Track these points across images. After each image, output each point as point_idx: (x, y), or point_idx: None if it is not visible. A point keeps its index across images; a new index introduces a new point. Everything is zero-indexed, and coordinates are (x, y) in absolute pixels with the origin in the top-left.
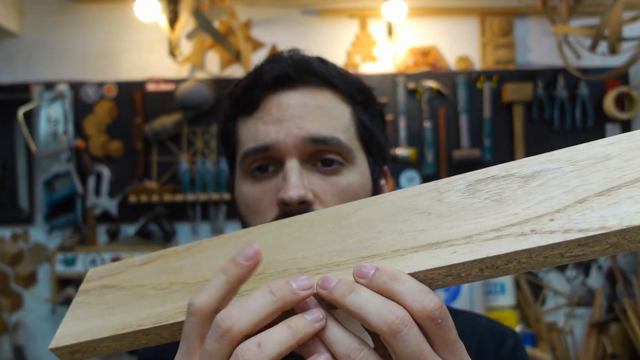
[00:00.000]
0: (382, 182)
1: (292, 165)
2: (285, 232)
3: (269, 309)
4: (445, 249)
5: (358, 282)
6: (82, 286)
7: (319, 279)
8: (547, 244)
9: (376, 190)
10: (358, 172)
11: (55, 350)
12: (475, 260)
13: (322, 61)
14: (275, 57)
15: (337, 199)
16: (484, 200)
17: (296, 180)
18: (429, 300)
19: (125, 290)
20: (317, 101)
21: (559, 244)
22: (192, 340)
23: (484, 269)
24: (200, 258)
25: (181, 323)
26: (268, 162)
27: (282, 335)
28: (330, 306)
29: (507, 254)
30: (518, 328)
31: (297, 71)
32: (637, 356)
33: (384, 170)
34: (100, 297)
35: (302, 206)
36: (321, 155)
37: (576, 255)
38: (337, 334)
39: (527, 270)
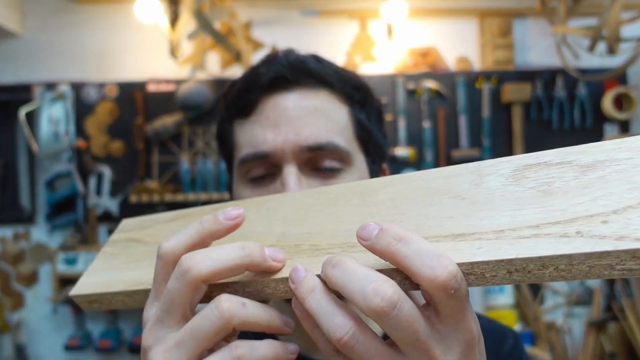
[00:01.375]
0: None
1: (290, 171)
2: (307, 203)
3: (233, 261)
4: (471, 243)
5: (361, 244)
6: (112, 236)
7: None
8: (592, 251)
9: None
10: (357, 174)
11: (75, 297)
12: (502, 260)
13: (318, 60)
14: (270, 59)
15: None
16: (529, 190)
17: (294, 185)
18: (442, 267)
19: (146, 246)
20: (313, 103)
21: (608, 253)
22: (159, 283)
23: (513, 272)
24: None
25: None
26: (266, 168)
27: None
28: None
29: (541, 258)
30: (517, 327)
31: (293, 72)
32: (635, 355)
33: (383, 168)
34: (124, 249)
35: None
36: (319, 160)
37: (630, 270)
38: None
39: (568, 280)
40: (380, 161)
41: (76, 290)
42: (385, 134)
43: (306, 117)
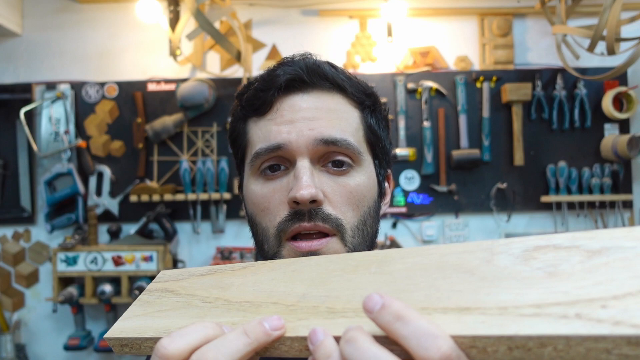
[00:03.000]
0: (385, 184)
1: (304, 165)
2: (330, 268)
3: (244, 350)
4: (475, 316)
5: (367, 314)
6: (150, 286)
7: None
8: (588, 334)
9: (381, 192)
10: (365, 174)
11: (108, 340)
12: (502, 337)
13: (332, 66)
14: (287, 61)
15: (345, 199)
16: (536, 270)
17: (308, 179)
18: (435, 348)
19: (179, 297)
20: (328, 104)
21: (604, 337)
22: None
23: (513, 349)
24: (250, 279)
25: None
26: (279, 161)
27: None
28: None
29: (540, 337)
30: None
31: (310, 75)
32: None
33: (387, 174)
34: (159, 298)
35: (312, 205)
36: (331, 156)
37: (626, 356)
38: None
39: None
40: (386, 166)
41: (110, 334)
42: (391, 141)
43: (321, 116)
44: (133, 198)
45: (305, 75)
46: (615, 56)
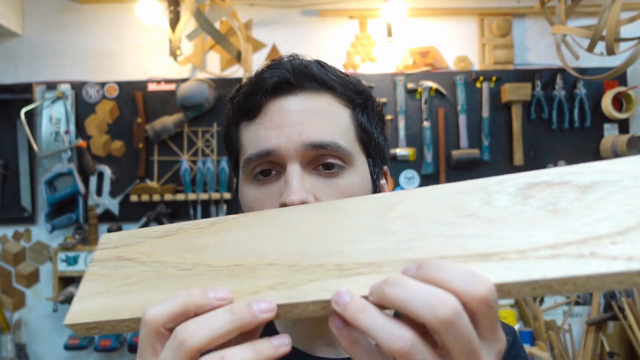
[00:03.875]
0: (382, 182)
1: (294, 169)
2: (322, 219)
3: (227, 327)
4: (497, 263)
5: (408, 274)
6: (96, 254)
7: (333, 293)
8: (608, 271)
9: (376, 191)
10: (358, 175)
11: (71, 326)
12: (530, 281)
13: (321, 65)
14: (275, 63)
15: None
16: (538, 210)
17: (297, 184)
18: (480, 284)
19: (144, 266)
20: (316, 106)
21: (621, 273)
22: (144, 349)
23: (537, 288)
24: (226, 238)
25: None
26: (270, 166)
27: (246, 354)
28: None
29: (564, 278)
30: (516, 326)
31: (297, 76)
32: (635, 354)
33: (384, 171)
34: (117, 269)
35: None
36: (322, 159)
37: (635, 283)
38: (380, 323)
39: (580, 292)
40: (382, 164)
41: (73, 319)
42: (386, 137)
43: (309, 119)
44: (133, 198)
45: (292, 77)
46: (614, 56)
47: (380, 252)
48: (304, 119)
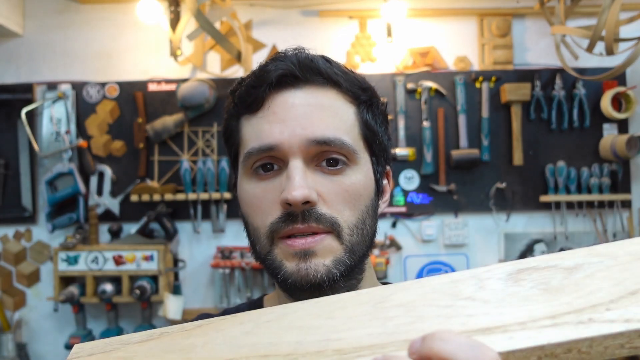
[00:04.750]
0: (385, 182)
1: (296, 165)
2: (313, 313)
3: None
4: (501, 335)
5: (412, 355)
6: None
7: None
8: (609, 332)
9: (379, 190)
10: (362, 172)
11: None
12: (535, 347)
13: (326, 60)
14: (280, 56)
15: (341, 198)
16: (531, 289)
17: (300, 180)
18: (484, 355)
19: None
20: (321, 101)
21: (621, 334)
22: None
23: (542, 357)
24: (216, 337)
25: None
26: (272, 160)
27: None
28: None
29: (568, 342)
30: None
31: (302, 70)
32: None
33: (387, 171)
34: None
35: (305, 206)
36: (325, 155)
37: (636, 347)
38: None
39: None
40: (385, 163)
41: None
42: (389, 136)
43: (314, 114)
44: (134, 198)
45: (297, 70)
46: (614, 56)
47: (381, 335)
48: (308, 114)
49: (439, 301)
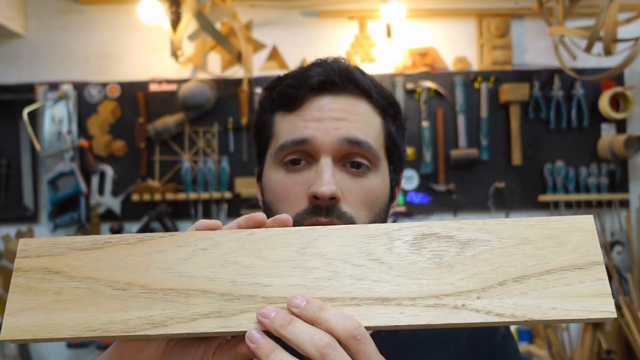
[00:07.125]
0: (395, 190)
1: (327, 162)
2: (247, 248)
3: None
4: (394, 308)
5: (291, 311)
6: (18, 263)
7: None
8: (472, 322)
9: (392, 197)
10: (381, 178)
11: (7, 342)
12: (418, 325)
13: (362, 72)
14: (321, 63)
15: (360, 200)
16: (427, 261)
17: (329, 177)
18: (349, 322)
19: (75, 282)
20: (354, 108)
21: (481, 324)
22: None
23: (422, 327)
24: (156, 259)
25: (150, 336)
26: (302, 156)
27: None
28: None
29: (441, 325)
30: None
31: (341, 79)
32: (632, 352)
33: (399, 179)
34: (45, 282)
35: (331, 201)
36: (351, 157)
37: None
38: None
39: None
40: (399, 172)
41: (8, 335)
42: (405, 149)
43: (347, 118)
44: (135, 197)
45: (337, 78)
46: (612, 57)
47: (301, 288)
48: (342, 117)
49: (354, 258)
